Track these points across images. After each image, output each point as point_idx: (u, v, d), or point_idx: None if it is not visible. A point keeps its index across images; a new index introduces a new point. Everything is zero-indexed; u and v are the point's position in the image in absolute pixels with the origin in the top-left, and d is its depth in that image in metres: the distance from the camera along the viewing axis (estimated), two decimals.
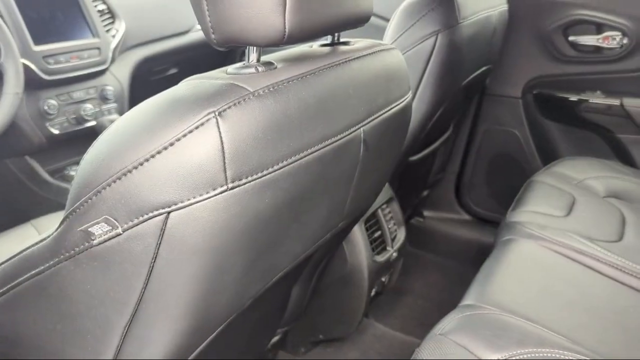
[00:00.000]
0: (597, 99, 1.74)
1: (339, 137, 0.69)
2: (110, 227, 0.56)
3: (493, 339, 0.91)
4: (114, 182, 0.54)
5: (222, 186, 0.55)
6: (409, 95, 0.89)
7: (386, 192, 1.49)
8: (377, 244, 1.41)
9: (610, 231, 1.29)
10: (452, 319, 0.97)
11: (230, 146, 0.55)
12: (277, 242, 0.68)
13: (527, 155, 1.91)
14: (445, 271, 1.97)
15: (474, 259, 1.99)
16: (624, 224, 1.33)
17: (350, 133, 0.72)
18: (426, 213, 2.12)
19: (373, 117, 0.77)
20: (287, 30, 0.59)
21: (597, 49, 1.71)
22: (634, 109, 1.68)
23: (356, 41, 0.83)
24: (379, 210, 1.44)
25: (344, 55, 0.74)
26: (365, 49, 0.79)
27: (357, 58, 0.76)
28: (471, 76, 1.56)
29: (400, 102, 0.85)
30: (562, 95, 1.80)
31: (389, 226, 1.47)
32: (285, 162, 0.61)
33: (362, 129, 0.74)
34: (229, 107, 0.55)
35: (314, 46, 0.79)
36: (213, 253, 0.58)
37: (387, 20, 1.39)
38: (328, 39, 0.81)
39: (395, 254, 1.47)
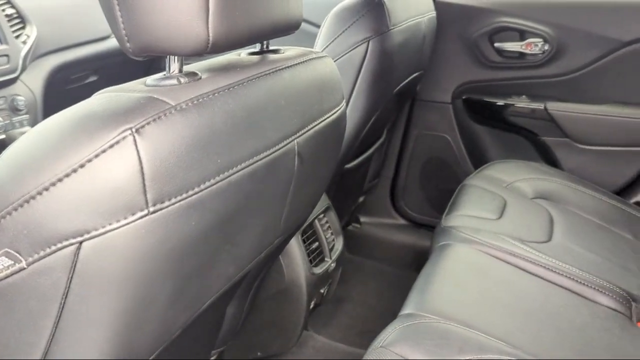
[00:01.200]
0: (523, 103, 1.80)
1: (271, 151, 0.66)
2: (13, 262, 0.50)
3: (434, 348, 0.91)
4: (15, 210, 0.48)
5: (142, 210, 0.50)
6: (343, 104, 0.87)
7: (323, 201, 1.47)
8: (315, 256, 1.39)
9: (540, 232, 1.33)
10: (393, 329, 0.96)
11: (151, 166, 0.50)
12: (208, 266, 0.63)
13: (458, 159, 1.96)
14: (383, 277, 1.98)
15: (411, 263, 2.01)
16: (552, 224, 1.37)
17: (284, 146, 0.68)
18: (363, 219, 2.12)
19: (307, 129, 0.74)
20: (211, 38, 0.55)
21: (521, 55, 1.77)
22: (557, 112, 1.75)
23: (287, 49, 0.80)
24: (316, 221, 1.41)
25: (274, 64, 0.71)
26: (296, 58, 0.76)
27: (289, 67, 0.73)
28: (403, 82, 1.57)
29: (335, 112, 0.82)
30: (489, 100, 1.85)
31: (327, 236, 1.44)
32: (213, 181, 0.56)
33: (295, 141, 0.71)
34: (148, 123, 0.50)
35: (242, 55, 0.75)
36: (134, 284, 0.53)
37: (318, 26, 1.37)
38: (257, 47, 0.77)
39: (333, 265, 1.45)
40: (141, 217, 0.50)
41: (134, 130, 0.49)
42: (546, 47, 1.72)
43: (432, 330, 0.95)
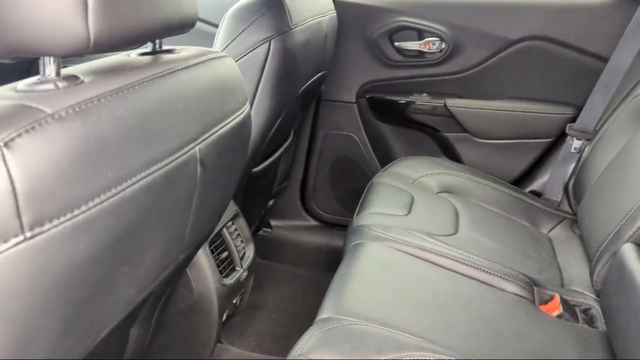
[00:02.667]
0: (423, 100, 1.86)
1: (170, 159, 0.60)
2: None
3: (353, 352, 0.90)
4: None
5: (17, 236, 0.43)
6: (247, 106, 0.83)
7: (230, 208, 1.42)
8: (225, 266, 1.33)
9: (447, 225, 1.37)
10: (311, 336, 0.95)
11: (25, 184, 0.43)
12: (103, 292, 0.57)
13: (366, 157, 1.99)
14: (297, 280, 1.96)
15: (324, 264, 2.01)
16: (458, 217, 1.43)
17: (184, 154, 0.63)
18: (274, 223, 2.09)
19: (209, 134, 0.69)
20: (92, 36, 0.49)
21: (420, 54, 1.83)
22: (455, 108, 1.83)
23: (182, 49, 0.75)
24: (224, 229, 1.36)
25: (169, 65, 0.66)
26: (193, 58, 0.72)
27: (185, 68, 0.68)
28: (308, 82, 1.56)
29: (238, 115, 0.79)
30: (392, 98, 1.89)
31: (236, 244, 1.40)
32: (103, 197, 0.50)
33: (197, 147, 0.66)
34: (19, 135, 0.44)
35: (132, 55, 0.69)
36: (12, 320, 0.46)
37: (216, 25, 1.32)
38: (148, 47, 0.71)
39: (245, 273, 1.41)
40: (16, 244, 0.43)
41: (2, 144, 0.43)
42: (443, 46, 1.79)
43: (350, 333, 0.95)
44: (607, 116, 1.57)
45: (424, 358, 0.89)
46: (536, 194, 1.73)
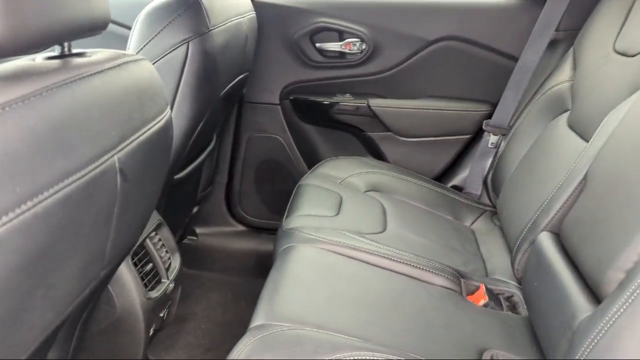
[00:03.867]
0: (347, 101, 1.89)
1: (86, 170, 0.57)
2: None
3: (289, 357, 0.89)
4: None
5: None
6: (168, 111, 0.80)
7: (153, 217, 1.36)
8: (150, 278, 1.28)
9: (376, 223, 1.40)
10: (245, 344, 0.93)
11: None
12: (16, 319, 0.52)
13: (292, 159, 1.98)
14: (227, 288, 1.93)
15: (254, 270, 1.99)
16: (385, 215, 1.46)
17: (102, 164, 0.60)
18: (199, 230, 2.04)
19: (128, 141, 0.66)
20: None
21: (342, 55, 1.86)
22: (378, 108, 1.87)
23: (94, 52, 0.70)
24: (148, 240, 1.31)
25: (80, 70, 0.62)
26: (107, 61, 0.68)
27: (99, 72, 0.64)
28: (229, 85, 1.53)
29: (159, 120, 0.75)
30: (316, 99, 1.90)
31: (161, 255, 1.34)
32: (12, 215, 0.46)
33: (116, 156, 0.63)
34: None
35: (37, 60, 0.64)
36: None
37: (129, 27, 1.27)
38: (55, 51, 0.66)
39: (172, 285, 1.36)
40: None
41: None
42: (364, 47, 1.83)
43: (285, 339, 0.94)
44: (520, 112, 1.67)
45: (359, 358, 0.90)
46: (458, 188, 1.81)
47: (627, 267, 0.85)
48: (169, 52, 1.24)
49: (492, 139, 1.72)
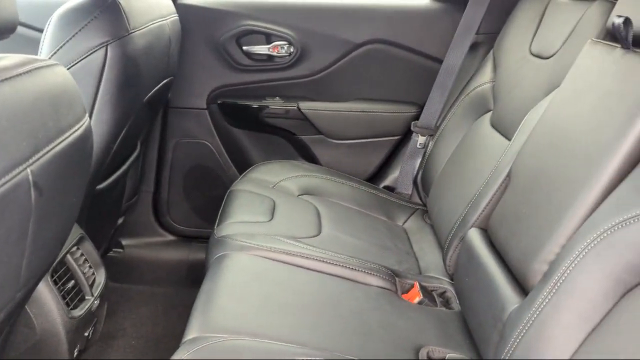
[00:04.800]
0: (277, 104, 1.88)
1: None
2: None
3: None
4: None
5: None
6: (86, 119, 0.76)
7: (74, 232, 1.29)
8: (73, 296, 1.21)
9: (310, 227, 1.40)
10: (179, 358, 0.90)
11: None
12: None
13: (223, 165, 1.95)
14: (157, 301, 1.87)
15: (186, 281, 1.93)
16: (320, 218, 1.46)
17: (12, 178, 0.55)
18: (125, 242, 1.96)
19: (42, 153, 0.61)
20: None
21: (270, 58, 1.85)
22: (309, 111, 1.87)
23: (2, 57, 0.65)
24: (69, 256, 1.24)
25: None
26: (17, 67, 0.63)
27: (8, 79, 0.59)
28: (153, 90, 1.48)
29: (77, 129, 0.71)
30: (245, 103, 1.88)
31: (84, 271, 1.27)
32: None
33: (29, 169, 0.59)
34: None
35: None
36: None
37: (40, 30, 1.20)
38: None
39: (97, 301, 1.29)
40: None
41: None
42: (292, 50, 1.83)
43: (221, 350, 0.92)
44: (446, 113, 1.73)
45: None
46: (389, 188, 1.85)
47: (550, 259, 0.90)
48: (86, 57, 1.18)
49: (421, 139, 1.78)
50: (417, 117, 1.82)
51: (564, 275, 0.82)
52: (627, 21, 0.94)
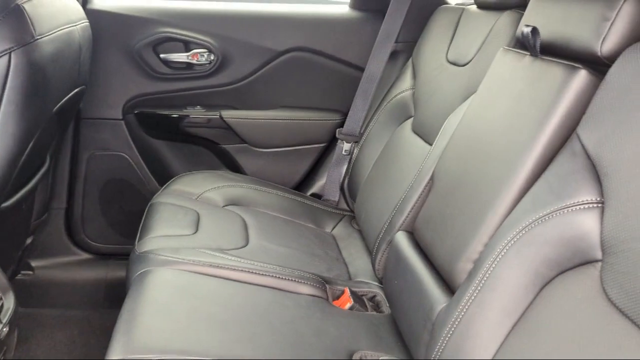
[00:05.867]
0: (198, 113, 1.84)
1: None
2: None
3: None
4: None
5: None
6: None
7: None
8: None
9: (237, 238, 1.38)
10: None
11: None
12: None
13: (142, 177, 1.88)
14: (73, 324, 1.76)
15: (105, 301, 1.84)
16: (247, 228, 1.44)
17: None
18: (35, 263, 1.84)
19: None
20: None
21: (189, 66, 1.80)
22: (232, 119, 1.85)
23: None
24: None
25: None
26: None
27: None
28: (63, 99, 1.40)
29: None
30: (164, 112, 1.83)
31: None
32: None
33: None
34: None
35: None
36: None
37: None
38: None
39: (6, 329, 1.20)
40: None
41: None
42: (212, 57, 1.80)
43: None
44: (369, 120, 1.77)
45: None
46: (317, 196, 1.86)
47: (474, 258, 0.94)
48: None
49: (346, 146, 1.80)
50: (341, 124, 1.84)
51: (488, 272, 0.86)
52: (535, 30, 1.01)
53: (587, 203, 0.78)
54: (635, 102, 0.77)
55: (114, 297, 1.09)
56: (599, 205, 0.76)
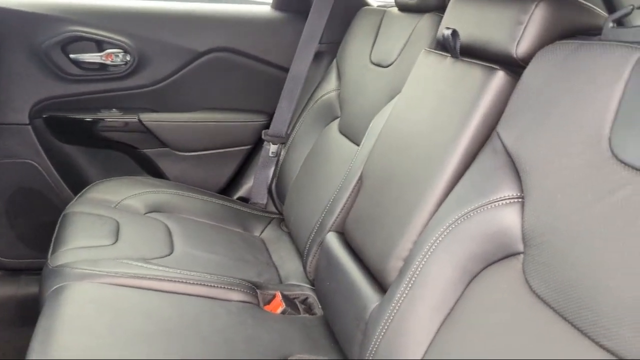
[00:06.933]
0: (114, 117, 1.76)
1: None
2: None
3: None
4: None
5: None
6: None
7: None
8: None
9: (161, 246, 1.33)
10: None
11: None
12: None
13: (53, 186, 1.77)
14: None
15: (15, 320, 1.72)
16: (171, 236, 1.40)
17: None
18: None
19: None
20: None
21: (103, 66, 1.72)
22: (151, 123, 1.78)
23: None
24: None
25: None
26: None
27: None
28: None
29: None
30: (76, 116, 1.74)
31: None
32: None
33: None
34: None
35: None
36: None
37: None
38: None
39: None
40: None
41: None
42: (128, 58, 1.72)
43: None
44: (296, 121, 1.77)
45: None
46: (244, 199, 1.84)
47: (404, 255, 0.96)
48: None
49: (272, 148, 1.79)
50: (267, 126, 1.83)
51: (418, 269, 0.88)
52: (455, 33, 1.05)
53: (508, 198, 0.82)
54: (548, 102, 0.82)
55: (26, 315, 1.02)
56: (520, 200, 0.81)
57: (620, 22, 0.85)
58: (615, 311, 0.62)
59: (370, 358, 0.91)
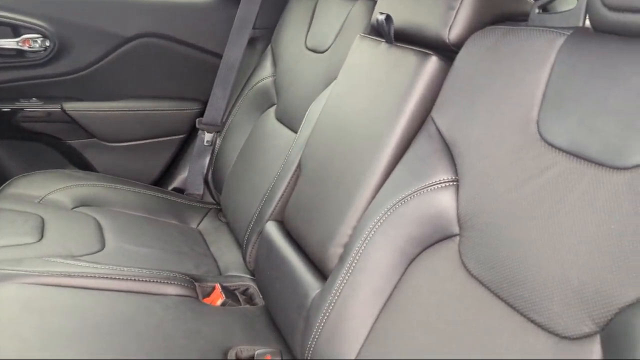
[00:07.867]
0: (34, 106, 1.67)
1: None
2: None
3: None
4: None
5: None
6: None
7: None
8: None
9: (91, 242, 1.29)
10: None
11: None
12: None
13: None
14: None
15: None
16: (102, 230, 1.35)
17: None
18: None
19: None
20: None
21: (20, 53, 1.62)
22: (76, 112, 1.71)
23: None
24: None
25: None
26: None
27: None
28: None
29: None
30: None
31: None
32: None
33: None
34: None
35: None
36: None
37: None
38: None
39: None
40: None
41: None
42: (47, 44, 1.63)
43: None
44: (231, 108, 1.74)
45: None
46: (179, 190, 1.80)
47: (344, 242, 0.97)
48: None
49: (207, 136, 1.76)
50: (201, 114, 1.79)
51: (358, 255, 0.90)
52: (389, 18, 1.06)
53: (444, 182, 0.84)
54: (479, 86, 0.85)
55: None
56: (454, 183, 0.83)
57: (545, 9, 0.89)
58: (545, 287, 0.65)
59: (313, 345, 0.92)
